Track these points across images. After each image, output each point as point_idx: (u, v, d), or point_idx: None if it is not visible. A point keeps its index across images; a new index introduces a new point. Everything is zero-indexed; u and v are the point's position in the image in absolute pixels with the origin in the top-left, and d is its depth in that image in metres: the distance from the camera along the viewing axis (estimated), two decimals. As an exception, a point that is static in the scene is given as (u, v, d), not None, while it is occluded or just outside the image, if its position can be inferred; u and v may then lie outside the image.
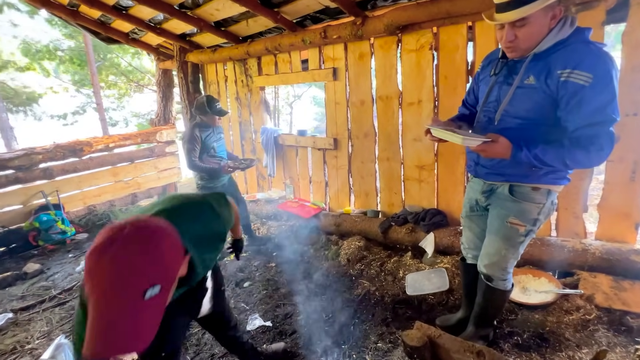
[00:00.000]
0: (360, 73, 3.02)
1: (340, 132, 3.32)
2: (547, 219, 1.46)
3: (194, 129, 3.01)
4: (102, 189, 4.86)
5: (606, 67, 1.14)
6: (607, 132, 1.16)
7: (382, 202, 3.19)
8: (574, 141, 1.19)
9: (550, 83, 1.21)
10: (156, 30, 4.14)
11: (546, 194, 1.38)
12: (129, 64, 12.97)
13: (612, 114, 1.15)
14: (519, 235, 1.43)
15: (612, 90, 1.14)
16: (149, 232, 0.75)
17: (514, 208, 1.41)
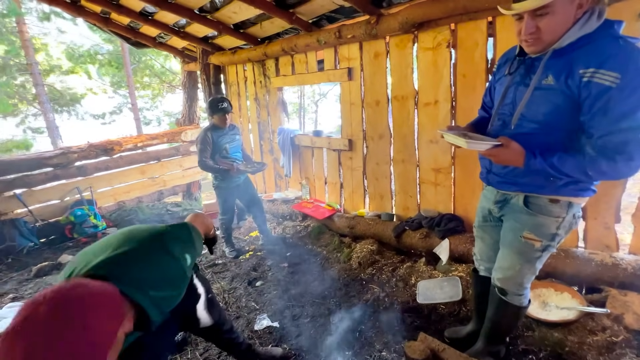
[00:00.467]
0: (376, 72, 2.95)
1: (355, 133, 3.26)
2: (569, 233, 1.31)
3: (206, 130, 3.13)
4: (131, 186, 5.13)
5: (637, 65, 0.98)
6: (638, 139, 1.00)
7: (397, 205, 3.10)
8: (598, 149, 1.05)
9: (572, 84, 1.07)
10: (180, 34, 4.29)
11: (566, 206, 1.22)
12: (161, 66, 13.61)
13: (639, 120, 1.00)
14: (534, 250, 1.31)
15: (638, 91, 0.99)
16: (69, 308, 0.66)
17: (528, 221, 1.28)
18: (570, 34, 1.07)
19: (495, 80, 1.45)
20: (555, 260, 2.05)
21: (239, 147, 3.42)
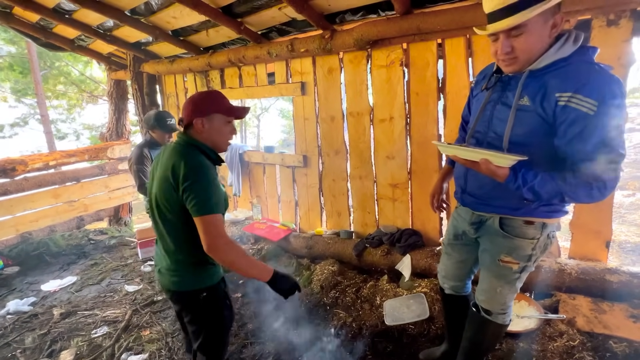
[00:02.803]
0: (330, 88, 2.90)
1: (310, 148, 3.15)
2: (545, 253, 1.32)
3: (142, 147, 2.70)
4: (40, 212, 4.27)
5: (614, 93, 1.00)
6: (614, 169, 1.01)
7: (356, 222, 3.04)
8: (577, 176, 1.04)
9: (547, 106, 1.07)
10: (106, 38, 3.77)
11: (540, 227, 1.23)
12: (80, 73, 12.05)
13: (619, 149, 1.01)
14: (512, 273, 1.30)
15: (620, 121, 1.00)
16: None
17: (505, 245, 1.28)
18: (547, 56, 1.08)
19: (472, 95, 1.45)
20: (510, 269, 2.15)
21: None
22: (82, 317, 2.75)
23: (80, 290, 3.29)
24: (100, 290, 3.26)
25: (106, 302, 2.98)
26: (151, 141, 2.75)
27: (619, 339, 1.66)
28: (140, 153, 2.66)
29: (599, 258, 2.05)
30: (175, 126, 2.77)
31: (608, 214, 1.99)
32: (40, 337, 2.50)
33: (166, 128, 2.68)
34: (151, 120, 2.67)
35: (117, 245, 4.43)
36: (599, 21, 1.85)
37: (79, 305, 2.93)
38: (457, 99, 2.32)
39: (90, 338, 2.45)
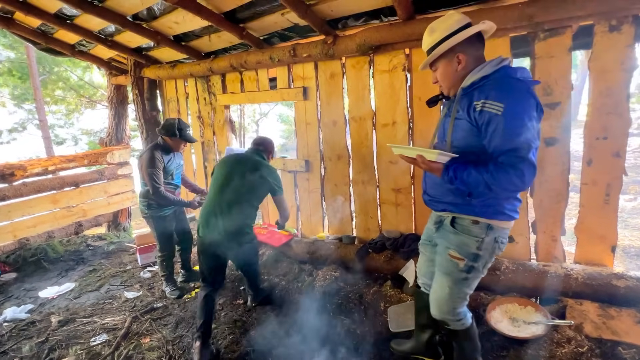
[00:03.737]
0: (332, 93, 2.90)
1: (312, 153, 3.15)
2: (492, 257, 1.42)
3: (154, 150, 2.71)
4: (39, 218, 4.22)
5: (516, 96, 1.21)
6: (525, 157, 1.18)
7: (358, 227, 3.02)
8: (497, 166, 1.22)
9: (471, 113, 1.28)
10: (107, 43, 3.77)
11: (485, 228, 1.36)
12: (79, 78, 12.04)
13: (526, 141, 1.18)
14: (459, 270, 1.41)
15: (523, 118, 1.19)
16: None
17: (454, 240, 1.42)
18: (470, 76, 1.33)
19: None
20: (515, 274, 2.14)
21: (181, 174, 3.09)
22: (81, 324, 2.70)
23: (79, 297, 3.24)
24: (99, 297, 3.21)
25: (105, 309, 2.93)
26: (164, 145, 2.79)
27: (627, 345, 1.64)
28: (152, 156, 2.67)
29: (604, 263, 2.03)
30: (192, 137, 2.88)
31: (613, 218, 1.98)
32: (38, 345, 2.45)
33: (186, 137, 2.80)
34: (173, 129, 2.73)
35: (116, 251, 4.38)
36: (601, 27, 1.87)
37: (77, 313, 2.89)
38: (460, 104, 2.32)
39: (89, 346, 2.40)
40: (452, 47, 1.32)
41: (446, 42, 1.32)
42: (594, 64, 1.91)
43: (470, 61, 1.33)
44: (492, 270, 2.21)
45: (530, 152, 1.18)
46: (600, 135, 1.95)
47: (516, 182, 1.19)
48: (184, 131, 2.78)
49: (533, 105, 1.22)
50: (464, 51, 1.33)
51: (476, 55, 1.35)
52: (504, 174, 1.19)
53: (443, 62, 1.37)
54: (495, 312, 2.00)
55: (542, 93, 2.06)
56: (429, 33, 1.39)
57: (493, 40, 2.13)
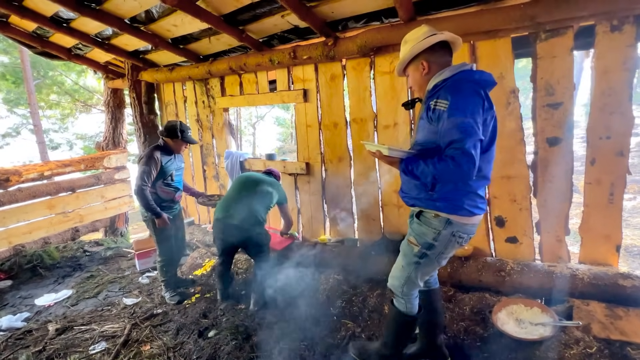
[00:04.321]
0: (333, 95, 2.89)
1: (313, 156, 3.13)
2: (447, 250, 1.52)
3: (155, 150, 2.77)
4: (34, 224, 4.16)
5: (461, 94, 1.32)
6: (462, 148, 1.26)
7: (360, 230, 3.00)
8: (441, 158, 1.34)
9: (429, 113, 1.41)
10: (104, 46, 3.74)
11: (444, 222, 1.46)
12: (74, 82, 11.95)
13: (463, 133, 1.27)
14: (413, 254, 1.57)
15: (463, 112, 1.29)
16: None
17: (416, 229, 1.57)
18: (432, 81, 1.48)
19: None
20: (520, 275, 2.13)
21: (182, 175, 3.06)
22: (79, 332, 2.64)
23: (76, 304, 3.18)
24: (97, 303, 3.15)
25: (104, 316, 2.88)
26: (164, 147, 2.84)
27: (637, 345, 1.63)
28: (151, 155, 2.72)
29: (609, 262, 2.03)
30: (193, 139, 2.94)
31: (617, 217, 1.98)
32: (35, 354, 2.39)
33: (187, 139, 2.85)
34: (175, 130, 2.79)
35: (114, 256, 4.33)
36: (603, 27, 1.87)
37: (75, 320, 2.83)
38: (462, 105, 2.32)
39: (88, 355, 2.35)
40: (417, 54, 1.48)
41: (410, 50, 1.47)
42: (596, 64, 1.92)
43: (433, 67, 1.47)
44: (497, 271, 2.20)
45: (468, 143, 1.26)
46: (603, 135, 1.95)
47: (455, 172, 1.28)
48: (186, 133, 2.84)
49: (478, 103, 1.32)
50: (427, 58, 1.47)
51: (440, 62, 1.47)
52: (444, 165, 1.30)
53: (411, 68, 1.54)
54: (501, 314, 1.99)
55: (544, 93, 2.06)
56: (403, 44, 1.55)
57: (494, 41, 2.14)
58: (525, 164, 2.18)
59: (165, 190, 2.87)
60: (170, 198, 2.94)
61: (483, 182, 1.47)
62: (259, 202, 2.67)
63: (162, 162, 2.76)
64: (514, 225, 2.27)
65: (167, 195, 2.90)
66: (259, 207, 2.65)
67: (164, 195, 2.89)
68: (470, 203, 1.44)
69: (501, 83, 2.17)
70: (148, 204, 2.72)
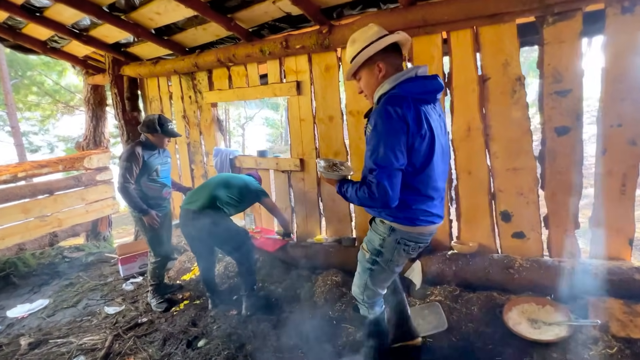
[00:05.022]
0: (328, 86, 2.74)
1: (307, 151, 2.97)
2: (395, 258, 1.49)
3: (136, 146, 2.62)
4: (7, 230, 3.88)
5: (383, 119, 1.27)
6: (375, 179, 1.26)
7: (358, 228, 2.85)
8: (362, 183, 1.34)
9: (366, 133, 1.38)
10: (82, 38, 3.50)
11: (388, 229, 1.45)
12: (55, 82, 11.48)
13: (379, 162, 1.26)
14: (365, 260, 1.56)
15: (380, 141, 1.26)
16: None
17: (368, 236, 1.57)
18: (377, 90, 1.40)
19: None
20: (529, 272, 2.02)
21: (169, 171, 2.89)
22: (55, 346, 2.42)
23: (53, 314, 2.95)
24: (76, 313, 2.92)
25: (83, 327, 2.66)
26: (146, 142, 2.69)
27: (660, 343, 1.54)
28: (132, 151, 2.57)
29: (622, 257, 1.94)
30: (175, 131, 2.79)
31: (629, 209, 1.90)
32: (4, 373, 2.17)
33: (168, 132, 2.70)
34: (154, 124, 2.63)
35: (95, 262, 4.08)
36: (613, 9, 1.78)
37: (51, 333, 2.60)
38: (465, 94, 2.21)
39: (64, 371, 2.14)
40: (371, 56, 1.37)
41: (365, 51, 1.36)
42: (607, 50, 1.82)
43: (389, 70, 1.38)
44: (505, 268, 2.09)
45: (382, 173, 1.25)
46: (614, 123, 1.86)
47: (373, 200, 1.29)
48: (166, 126, 2.67)
49: (399, 130, 1.25)
50: (383, 60, 1.37)
51: (395, 64, 1.39)
52: (362, 192, 1.32)
53: (365, 71, 1.42)
54: (512, 314, 1.87)
55: (551, 80, 1.96)
56: (351, 44, 1.43)
57: (499, 26, 2.03)
58: (533, 155, 2.08)
59: (151, 187, 2.70)
60: (158, 195, 2.76)
61: (424, 199, 1.40)
62: (222, 188, 2.50)
63: (145, 157, 2.60)
64: (521, 219, 2.16)
65: (153, 191, 2.72)
66: (220, 194, 2.47)
67: (150, 192, 2.71)
68: (408, 215, 1.41)
69: (506, 70, 2.06)
70: (132, 201, 2.57)
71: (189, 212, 2.43)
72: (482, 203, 2.27)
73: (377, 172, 1.25)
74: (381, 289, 1.60)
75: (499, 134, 2.15)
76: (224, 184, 2.57)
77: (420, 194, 1.38)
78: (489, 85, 2.14)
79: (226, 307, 2.66)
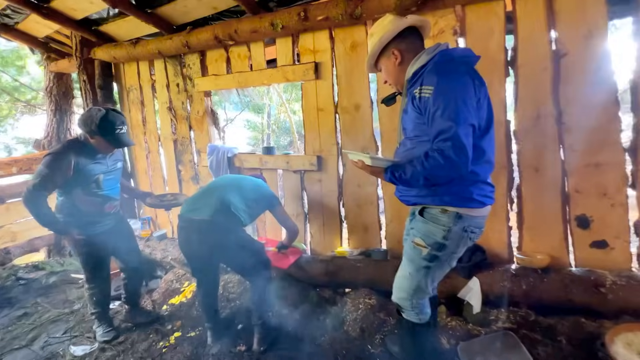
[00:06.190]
0: (354, 68, 2.28)
1: (326, 147, 2.49)
2: (460, 248, 1.36)
3: (67, 148, 1.95)
4: (-58, 248, 3.10)
5: (446, 76, 1.19)
6: (452, 139, 1.12)
7: (390, 238, 2.40)
8: (428, 153, 1.19)
9: (415, 102, 1.26)
10: (42, 11, 2.85)
11: (454, 217, 1.30)
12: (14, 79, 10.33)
13: (451, 120, 1.12)
14: (421, 258, 1.38)
15: (451, 97, 1.15)
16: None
17: (421, 229, 1.38)
18: (410, 67, 1.35)
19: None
20: (627, 291, 1.64)
21: (118, 178, 2.27)
22: (-2, 410, 1.77)
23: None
24: (31, 356, 2.26)
25: (40, 379, 2.02)
26: (84, 144, 2.01)
27: None
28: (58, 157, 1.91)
29: None
30: (125, 138, 2.04)
31: None
32: None
33: (114, 140, 2.00)
34: (92, 123, 1.92)
35: (59, 284, 3.36)
36: None
37: (-7, 389, 1.94)
38: (533, 74, 1.83)
39: None
40: (386, 45, 1.37)
41: (378, 41, 1.36)
42: None
43: (406, 55, 1.36)
44: (593, 286, 1.70)
45: (458, 131, 1.11)
46: None
47: (446, 167, 1.14)
48: (115, 130, 1.97)
49: (467, 83, 1.19)
50: (398, 46, 1.37)
51: (412, 48, 1.36)
52: (433, 161, 1.16)
53: (383, 60, 1.43)
54: (617, 347, 1.47)
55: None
56: (369, 38, 1.44)
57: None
58: (621, 147, 1.71)
59: (87, 201, 2.07)
60: (96, 210, 2.13)
61: (488, 168, 1.31)
62: (235, 192, 2.01)
63: (79, 165, 1.95)
64: (603, 225, 1.79)
65: (90, 206, 2.09)
66: (233, 198, 1.97)
67: (85, 207, 2.08)
68: (480, 192, 1.29)
69: (588, 44, 1.69)
70: (42, 217, 1.91)
71: (195, 223, 1.90)
72: (552, 206, 1.88)
73: (453, 130, 1.11)
74: (431, 288, 1.45)
75: (577, 122, 1.77)
76: (235, 186, 2.06)
77: (485, 158, 1.28)
78: (565, 63, 1.76)
79: (231, 340, 2.11)
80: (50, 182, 1.90)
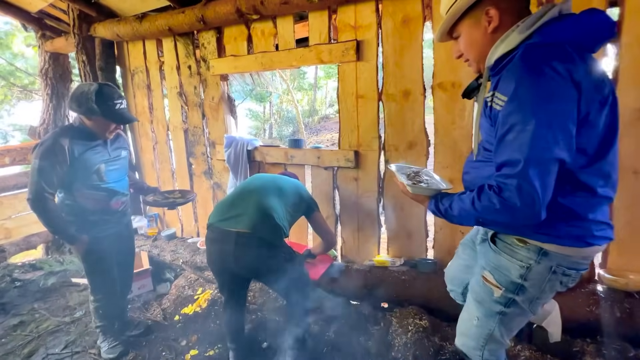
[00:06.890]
0: (405, 48, 1.93)
1: (365, 141, 2.15)
2: (544, 294, 1.01)
3: (59, 135, 1.66)
4: None
5: (521, 77, 0.81)
6: (518, 176, 0.81)
7: (439, 247, 2.08)
8: (485, 190, 0.89)
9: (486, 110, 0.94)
10: (34, -21, 2.47)
11: (537, 252, 0.96)
12: (9, 63, 9.91)
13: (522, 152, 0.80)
14: (492, 300, 1.05)
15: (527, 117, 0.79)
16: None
17: (491, 260, 1.06)
18: (493, 49, 0.93)
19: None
20: None
21: (125, 169, 1.96)
22: None
23: (-11, 381, 1.98)
24: (27, 379, 1.97)
25: (36, 408, 1.73)
26: (79, 128, 1.72)
27: None
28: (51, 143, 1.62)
29: None
30: (126, 114, 1.75)
31: None
32: None
33: (113, 115, 1.70)
34: (88, 100, 1.63)
35: (58, 286, 3.06)
36: None
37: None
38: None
39: None
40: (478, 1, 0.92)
41: None
42: None
43: (506, 18, 0.91)
44: None
45: (531, 168, 0.79)
46: None
47: (503, 214, 0.86)
48: (107, 104, 1.67)
49: (563, 95, 0.78)
50: (496, 4, 0.91)
51: (515, 10, 0.92)
52: (487, 202, 0.88)
53: (466, 25, 0.98)
54: None
55: None
56: None
57: None
58: None
59: (91, 197, 1.76)
60: (103, 207, 1.83)
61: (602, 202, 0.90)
62: (276, 196, 1.70)
63: (75, 152, 1.66)
64: None
65: (95, 203, 1.79)
66: (276, 204, 1.66)
67: (90, 205, 1.78)
68: (580, 233, 0.91)
69: None
70: (52, 222, 1.65)
71: (231, 236, 1.54)
72: (652, 217, 1.56)
73: (521, 166, 0.80)
74: (509, 339, 1.12)
75: (695, 115, 1.44)
76: (275, 188, 1.73)
77: (596, 195, 0.88)
78: (687, 40, 1.41)
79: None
80: (51, 177, 1.61)
